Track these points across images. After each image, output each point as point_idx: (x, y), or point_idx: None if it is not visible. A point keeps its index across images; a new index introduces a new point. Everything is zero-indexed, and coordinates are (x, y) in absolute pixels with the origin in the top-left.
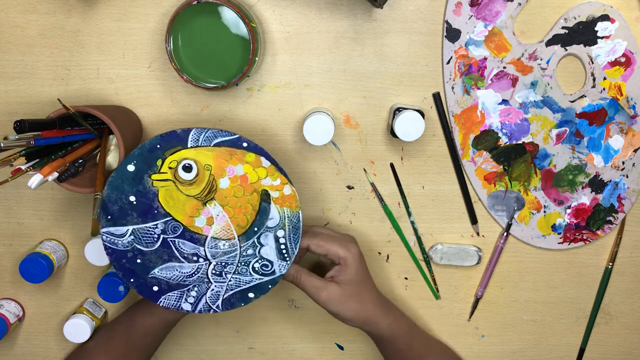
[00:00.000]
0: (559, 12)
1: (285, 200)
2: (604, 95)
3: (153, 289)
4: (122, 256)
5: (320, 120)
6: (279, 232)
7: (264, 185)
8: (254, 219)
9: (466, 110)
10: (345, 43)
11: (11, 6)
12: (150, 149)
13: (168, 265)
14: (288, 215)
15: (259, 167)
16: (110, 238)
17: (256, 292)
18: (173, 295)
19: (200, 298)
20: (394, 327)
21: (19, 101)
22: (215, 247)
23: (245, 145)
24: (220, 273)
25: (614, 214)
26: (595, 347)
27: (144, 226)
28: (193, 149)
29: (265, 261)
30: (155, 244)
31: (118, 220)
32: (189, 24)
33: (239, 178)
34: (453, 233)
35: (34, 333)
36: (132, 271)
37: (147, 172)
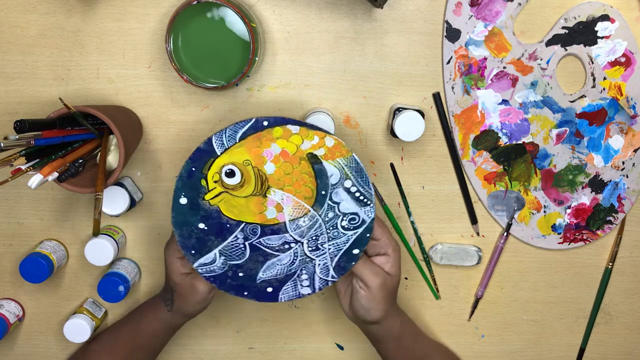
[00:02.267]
0: (559, 12)
1: (334, 152)
2: (604, 95)
3: (268, 291)
4: (224, 278)
5: (320, 120)
6: (346, 183)
7: (305, 149)
8: (316, 185)
9: (466, 110)
10: (345, 43)
11: (11, 6)
12: (188, 175)
13: (268, 264)
14: (345, 164)
15: (291, 136)
16: (205, 269)
17: (359, 246)
18: (288, 287)
19: (313, 277)
20: (405, 326)
21: (19, 101)
22: (298, 227)
23: (267, 124)
24: (316, 247)
25: (614, 214)
26: (595, 347)
27: (227, 243)
28: (225, 154)
29: (350, 215)
30: (245, 253)
31: (202, 250)
32: (189, 24)
33: (279, 156)
34: (453, 233)
35: (34, 333)
36: (241, 285)
37: (199, 197)
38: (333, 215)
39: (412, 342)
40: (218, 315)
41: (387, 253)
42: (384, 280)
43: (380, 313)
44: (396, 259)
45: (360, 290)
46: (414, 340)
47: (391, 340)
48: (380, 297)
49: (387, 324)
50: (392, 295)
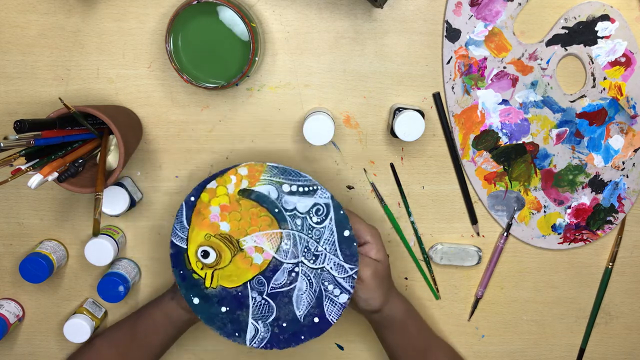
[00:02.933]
0: (559, 12)
1: (254, 174)
2: (604, 95)
3: (316, 322)
4: (277, 338)
5: (320, 120)
6: (284, 188)
7: (234, 192)
8: (266, 210)
9: (466, 110)
10: (345, 43)
11: (11, 6)
12: (182, 279)
13: (295, 300)
14: (269, 176)
15: (216, 190)
16: (257, 341)
17: (344, 226)
18: (328, 306)
19: (337, 282)
20: (408, 311)
21: (19, 101)
22: (287, 252)
23: (193, 198)
24: (315, 256)
25: (614, 214)
26: (595, 347)
27: (252, 308)
28: (189, 244)
29: (312, 210)
30: (271, 305)
31: (241, 328)
32: (189, 24)
33: (223, 212)
34: (453, 233)
35: (34, 333)
36: (294, 333)
37: (203, 289)
38: (300, 220)
39: (416, 331)
40: None
41: (367, 241)
42: (374, 269)
43: (380, 301)
44: (378, 244)
45: (356, 284)
46: (418, 329)
47: (396, 326)
48: (375, 286)
49: (389, 310)
50: (386, 281)
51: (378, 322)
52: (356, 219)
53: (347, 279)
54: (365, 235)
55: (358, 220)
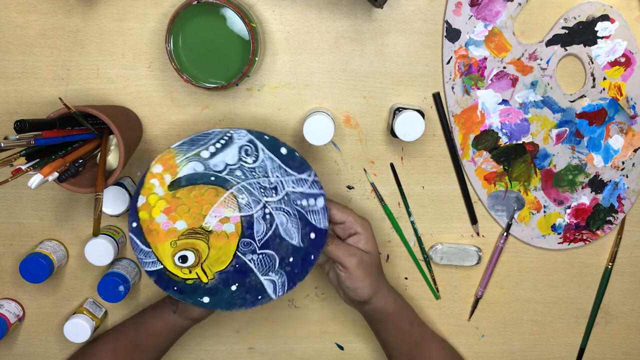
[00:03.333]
0: (559, 12)
1: (169, 165)
2: (603, 95)
3: (313, 237)
4: (292, 275)
5: (320, 120)
6: (203, 155)
7: (164, 192)
8: (205, 184)
9: (466, 110)
10: (345, 43)
11: (11, 6)
12: (181, 291)
13: (285, 234)
14: (183, 155)
15: (148, 202)
16: (281, 290)
17: (277, 147)
18: (313, 218)
19: (307, 195)
20: (400, 302)
21: (19, 101)
22: (249, 204)
23: (135, 225)
24: (274, 189)
25: (614, 214)
26: (595, 347)
27: (256, 269)
28: (165, 263)
29: (239, 155)
30: (269, 253)
31: (259, 290)
32: (189, 24)
33: (170, 213)
34: (453, 233)
35: (34, 333)
36: (302, 261)
37: (202, 288)
38: (239, 171)
39: (408, 325)
40: (218, 315)
41: (357, 231)
42: (360, 258)
43: (367, 290)
44: (368, 235)
45: (341, 273)
46: (410, 322)
47: (388, 319)
48: (361, 275)
49: (379, 302)
50: (373, 272)
51: (370, 315)
52: (347, 210)
53: (311, 186)
54: (356, 226)
55: (349, 212)
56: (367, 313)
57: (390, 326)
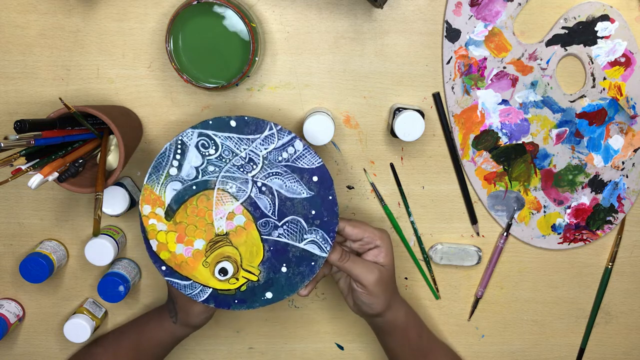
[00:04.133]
0: (559, 12)
1: (154, 201)
2: (603, 95)
3: (314, 180)
4: (322, 216)
5: (320, 120)
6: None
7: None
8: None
9: (466, 110)
10: (345, 43)
11: (11, 6)
12: (220, 306)
13: (286, 192)
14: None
15: (158, 244)
16: (321, 239)
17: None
18: (303, 159)
19: (283, 145)
20: (410, 315)
21: (19, 101)
22: (239, 188)
23: (164, 268)
24: (252, 161)
25: (614, 214)
26: (595, 347)
27: (289, 244)
28: (211, 284)
29: (199, 145)
30: (289, 217)
31: (307, 255)
32: (189, 24)
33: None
34: (453, 233)
35: (34, 333)
36: (326, 220)
37: (256, 291)
38: (211, 167)
39: (417, 336)
40: (218, 315)
41: (377, 245)
42: (379, 275)
43: (382, 306)
44: (387, 247)
45: (358, 289)
46: (419, 334)
47: (397, 332)
48: (378, 292)
49: (391, 315)
50: (390, 287)
51: (379, 326)
52: (363, 226)
53: (279, 136)
54: (375, 240)
55: (365, 227)
56: (376, 324)
57: (398, 337)
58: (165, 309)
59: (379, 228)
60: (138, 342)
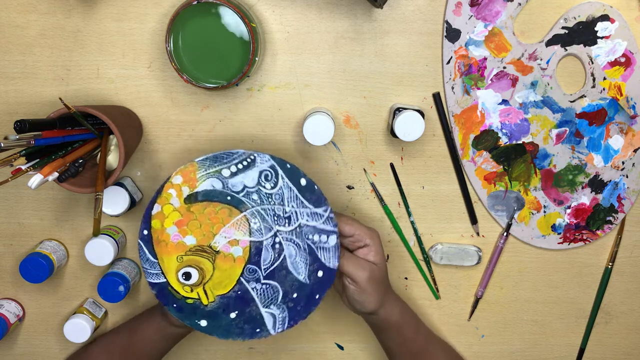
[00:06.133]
0: (559, 12)
1: (189, 177)
2: (603, 95)
3: (320, 276)
4: (294, 312)
5: (320, 120)
6: (224, 173)
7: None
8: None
9: (466, 110)
10: (345, 43)
11: (11, 6)
12: (179, 310)
13: (292, 268)
14: (204, 172)
15: (164, 211)
16: (280, 326)
17: (297, 177)
18: (322, 255)
19: (319, 230)
20: (405, 313)
21: (19, 101)
22: (260, 230)
23: (146, 232)
24: (287, 219)
25: (614, 214)
26: (595, 347)
27: (258, 299)
28: (167, 277)
29: (258, 178)
30: (272, 285)
31: (258, 322)
32: (189, 24)
33: (181, 227)
34: (453, 233)
35: (34, 333)
36: (305, 297)
37: (201, 310)
38: (255, 194)
39: (413, 334)
40: None
41: (366, 244)
42: (370, 272)
43: (375, 304)
44: (377, 246)
45: (350, 286)
46: (415, 331)
47: (392, 329)
48: (371, 289)
49: (385, 313)
50: (382, 284)
51: (375, 324)
52: (355, 223)
53: (326, 221)
54: (365, 238)
55: (357, 224)
56: (372, 322)
57: (394, 335)
58: (154, 312)
59: (369, 227)
60: (131, 341)
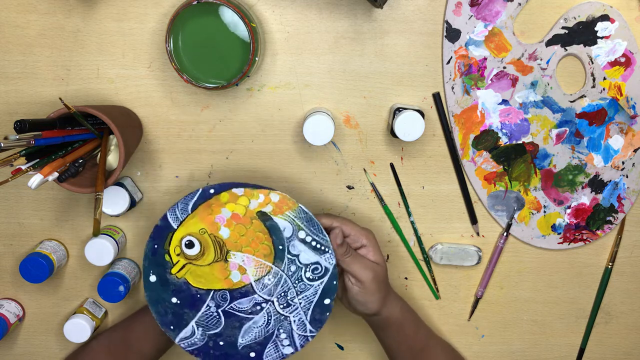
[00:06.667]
0: (559, 12)
1: (281, 206)
2: (603, 95)
3: (251, 357)
4: (207, 349)
5: (320, 120)
6: (300, 234)
7: (254, 209)
8: (272, 242)
9: (466, 110)
10: (345, 43)
11: (11, 6)
12: (152, 253)
13: (245, 329)
14: (294, 216)
15: (238, 199)
16: (186, 342)
17: (329, 295)
18: (270, 349)
19: (292, 335)
20: (405, 312)
21: (19, 101)
22: (265, 286)
23: (213, 191)
24: (287, 304)
25: (614, 214)
26: (595, 347)
27: (201, 314)
28: (181, 227)
29: (312, 266)
30: (220, 321)
31: (180, 324)
32: (189, 24)
33: (231, 220)
34: (453, 233)
35: (34, 333)
36: (225, 354)
37: (166, 272)
38: (295, 268)
39: (413, 332)
40: None
41: (363, 244)
42: (374, 272)
43: (378, 304)
44: (375, 246)
45: (354, 287)
46: (415, 330)
47: (393, 327)
48: (374, 289)
49: (387, 312)
50: (384, 284)
51: (375, 323)
52: (349, 224)
53: (302, 337)
54: (361, 238)
55: (352, 226)
56: (372, 322)
57: (395, 333)
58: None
59: (364, 227)
60: (128, 336)
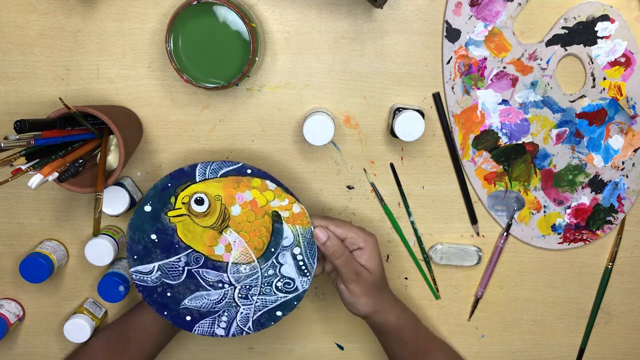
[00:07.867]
0: (559, 12)
1: (296, 218)
2: (603, 95)
3: (186, 319)
4: (152, 291)
5: (320, 120)
6: (295, 250)
7: (273, 207)
8: (269, 241)
9: (466, 110)
10: (345, 43)
11: (11, 6)
12: (162, 189)
13: (196, 294)
14: (301, 233)
15: (266, 191)
16: (139, 276)
17: (283, 310)
18: (205, 323)
19: (231, 322)
20: (403, 317)
21: (19, 101)
22: (237, 272)
23: (250, 172)
24: (246, 296)
25: (614, 214)
26: (595, 347)
27: (168, 261)
28: (202, 183)
29: (286, 279)
30: (181, 276)
31: (144, 259)
32: (189, 24)
33: (248, 204)
34: (453, 233)
35: (34, 333)
36: (165, 304)
37: (163, 211)
38: (272, 273)
39: (412, 338)
40: None
41: (360, 247)
42: (360, 276)
43: (366, 307)
44: (371, 251)
45: (340, 286)
46: (415, 335)
47: (391, 333)
48: (359, 293)
49: (380, 318)
50: (372, 291)
51: (374, 327)
52: (347, 226)
53: (238, 328)
54: (359, 242)
55: (349, 227)
56: (371, 324)
57: (393, 339)
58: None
59: (367, 232)
60: (126, 331)
